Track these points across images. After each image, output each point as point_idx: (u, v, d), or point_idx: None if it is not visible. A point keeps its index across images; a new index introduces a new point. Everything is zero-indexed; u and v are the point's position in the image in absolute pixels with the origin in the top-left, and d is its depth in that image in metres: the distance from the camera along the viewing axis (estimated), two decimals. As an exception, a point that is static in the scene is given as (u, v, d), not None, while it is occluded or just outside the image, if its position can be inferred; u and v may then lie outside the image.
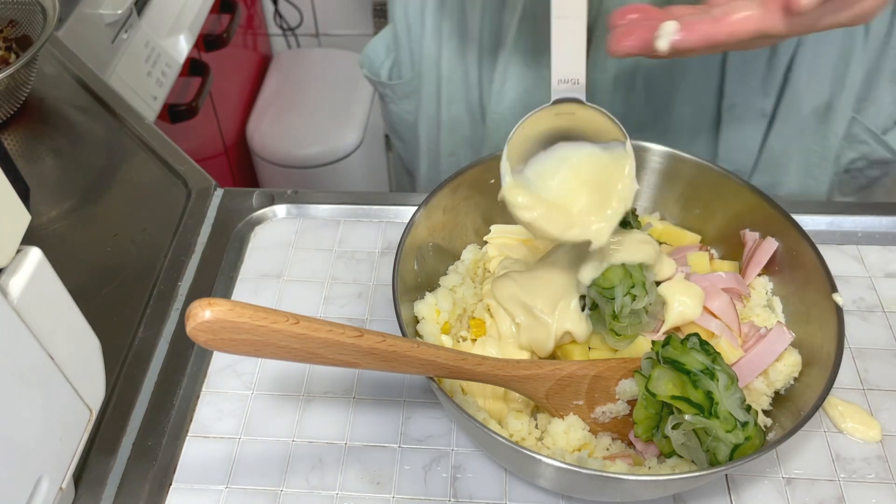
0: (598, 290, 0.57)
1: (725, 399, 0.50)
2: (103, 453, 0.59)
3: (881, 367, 0.64)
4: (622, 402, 0.56)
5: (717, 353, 0.52)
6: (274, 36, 2.19)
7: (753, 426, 0.50)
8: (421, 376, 0.53)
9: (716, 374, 0.50)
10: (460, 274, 0.65)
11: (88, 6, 1.24)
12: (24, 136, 0.88)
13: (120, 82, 1.28)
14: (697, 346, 0.52)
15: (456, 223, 0.66)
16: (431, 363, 0.50)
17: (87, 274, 0.72)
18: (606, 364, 0.56)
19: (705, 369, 0.50)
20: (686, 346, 0.52)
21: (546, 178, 0.56)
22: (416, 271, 0.62)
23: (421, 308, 0.61)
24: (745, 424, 0.49)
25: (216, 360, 0.65)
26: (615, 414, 0.56)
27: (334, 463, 0.59)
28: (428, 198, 0.62)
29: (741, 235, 0.64)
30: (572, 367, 0.55)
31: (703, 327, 0.58)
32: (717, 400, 0.49)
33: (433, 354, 0.50)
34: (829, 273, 0.57)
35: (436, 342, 0.59)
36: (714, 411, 0.49)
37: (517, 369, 0.53)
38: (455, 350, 0.52)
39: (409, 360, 0.48)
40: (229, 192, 0.79)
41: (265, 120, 1.94)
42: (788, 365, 0.57)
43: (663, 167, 0.67)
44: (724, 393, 0.50)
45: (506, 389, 0.57)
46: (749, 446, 0.49)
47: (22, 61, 0.82)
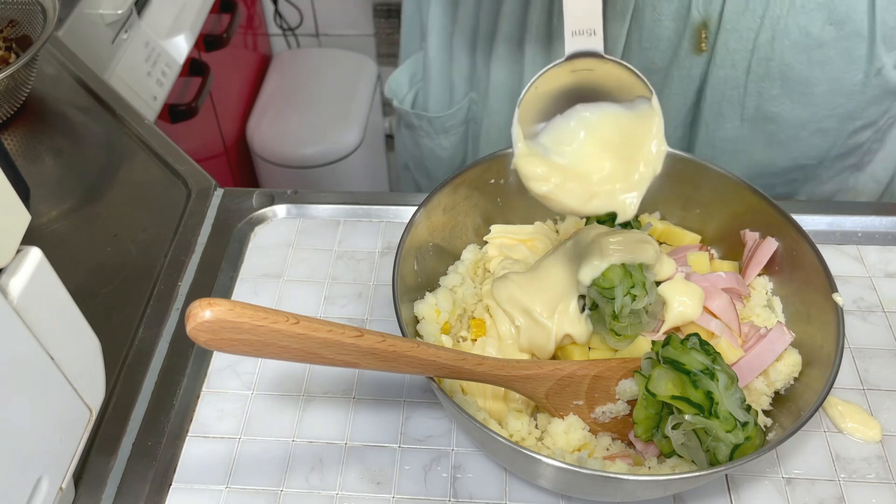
0: (598, 290, 0.57)
1: (726, 399, 0.50)
2: (103, 453, 0.59)
3: (881, 367, 0.64)
4: (622, 402, 0.56)
5: (717, 354, 0.52)
6: (274, 36, 2.19)
7: (753, 426, 0.50)
8: (421, 376, 0.53)
9: (716, 374, 0.50)
10: (460, 274, 0.64)
11: (88, 6, 1.24)
12: (24, 136, 0.88)
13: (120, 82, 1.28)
14: (697, 346, 0.52)
15: (456, 223, 0.66)
16: (431, 363, 0.50)
17: (87, 274, 0.72)
18: (606, 364, 0.56)
19: (705, 369, 0.50)
20: (686, 346, 0.52)
21: (563, 143, 0.51)
22: (416, 271, 0.62)
23: (421, 308, 0.61)
24: (745, 424, 0.49)
25: (216, 360, 0.65)
26: (615, 414, 0.56)
27: (334, 463, 0.59)
28: (428, 198, 0.62)
29: (741, 235, 0.64)
30: (572, 367, 0.55)
31: (703, 327, 0.58)
32: (718, 400, 0.49)
33: (433, 354, 0.50)
34: (829, 273, 0.57)
35: (436, 342, 0.59)
36: (714, 411, 0.49)
37: (517, 369, 0.53)
38: (455, 350, 0.52)
39: (409, 360, 0.48)
40: (229, 192, 0.79)
41: (265, 120, 1.94)
42: (788, 365, 0.57)
43: (664, 167, 0.66)
44: (724, 393, 0.50)
45: (506, 389, 0.57)
46: (749, 446, 0.49)
47: (22, 61, 0.82)
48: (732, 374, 0.51)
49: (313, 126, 1.93)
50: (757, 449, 0.50)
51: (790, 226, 0.61)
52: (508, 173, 0.64)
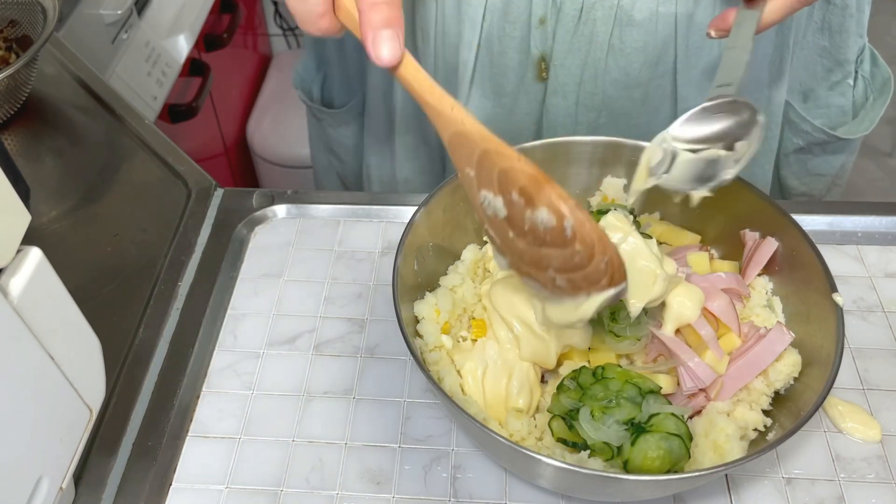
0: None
1: (593, 431, 0.52)
2: (103, 453, 0.59)
3: (881, 367, 0.64)
4: (499, 201, 0.49)
5: (604, 379, 0.55)
6: (274, 36, 2.19)
7: (636, 440, 0.52)
8: (421, 376, 0.53)
9: (579, 410, 0.53)
10: (460, 274, 0.64)
11: (88, 6, 1.24)
12: (25, 136, 0.88)
13: (120, 82, 1.28)
14: (600, 376, 0.55)
15: (456, 223, 0.66)
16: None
17: (87, 274, 0.72)
18: (497, 145, 0.48)
19: (570, 412, 0.54)
20: (592, 380, 0.55)
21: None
22: (416, 271, 0.62)
23: (421, 308, 0.61)
24: (620, 448, 0.52)
25: (216, 360, 0.66)
26: (495, 211, 0.50)
27: (334, 463, 0.59)
28: (428, 198, 0.62)
29: (741, 235, 0.64)
30: (473, 126, 0.48)
31: (696, 331, 0.57)
32: (584, 436, 0.53)
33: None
34: (829, 273, 0.57)
35: (436, 342, 0.59)
36: (590, 445, 0.53)
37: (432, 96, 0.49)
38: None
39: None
40: (229, 192, 0.79)
41: (265, 120, 1.94)
42: (788, 365, 0.57)
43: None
44: (590, 425, 0.53)
45: (506, 390, 0.58)
46: (655, 457, 0.51)
47: (22, 61, 0.82)
48: (615, 393, 0.54)
49: (313, 126, 1.93)
50: (677, 453, 0.51)
51: (790, 225, 0.61)
52: None
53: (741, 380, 0.57)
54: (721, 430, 0.54)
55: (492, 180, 0.48)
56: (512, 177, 0.47)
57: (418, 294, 0.62)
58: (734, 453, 0.53)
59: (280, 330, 0.67)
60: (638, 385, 0.54)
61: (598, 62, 0.75)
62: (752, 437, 0.56)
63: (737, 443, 0.54)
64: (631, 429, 0.52)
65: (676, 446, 0.51)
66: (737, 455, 0.53)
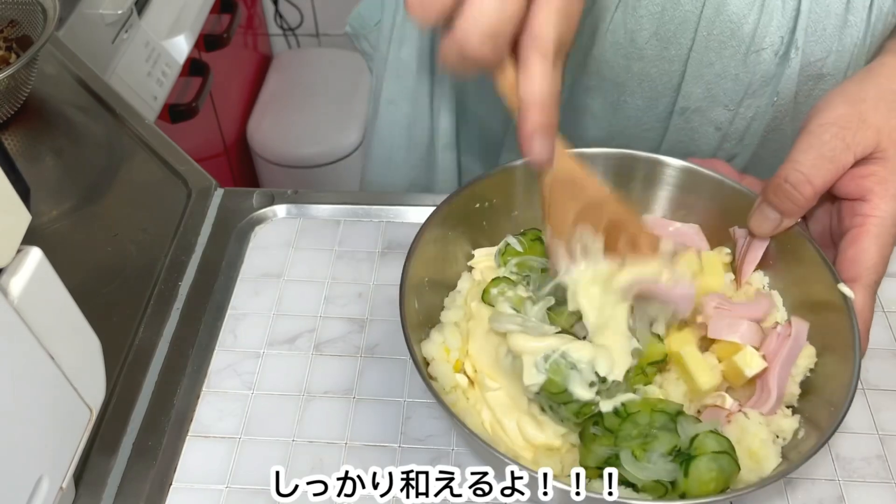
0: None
1: (640, 472, 0.50)
2: (103, 453, 0.59)
3: (881, 367, 0.64)
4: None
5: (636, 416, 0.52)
6: (274, 36, 2.19)
7: (688, 469, 0.49)
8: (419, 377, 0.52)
9: (618, 455, 0.51)
10: (460, 307, 0.61)
11: (88, 6, 1.24)
12: (25, 136, 0.88)
13: (120, 82, 1.28)
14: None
15: (446, 253, 0.63)
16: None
17: (87, 274, 0.72)
18: (624, 212, 0.53)
19: (610, 458, 0.51)
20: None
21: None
22: (416, 309, 0.59)
23: (429, 349, 0.58)
24: (673, 483, 0.50)
25: (216, 360, 0.66)
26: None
27: (334, 463, 0.59)
28: (419, 234, 0.59)
29: (731, 233, 0.64)
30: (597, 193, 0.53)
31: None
32: (633, 480, 0.51)
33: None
34: (829, 263, 0.56)
35: (451, 383, 0.57)
36: (640, 487, 0.51)
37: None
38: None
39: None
40: (229, 192, 0.79)
41: (265, 120, 1.94)
42: (805, 357, 0.56)
43: (644, 171, 0.65)
44: (634, 466, 0.50)
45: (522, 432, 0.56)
46: (709, 479, 0.49)
47: (22, 61, 0.82)
48: (657, 430, 0.51)
49: (313, 126, 1.93)
50: (727, 470, 0.50)
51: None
52: (492, 195, 0.63)
53: (779, 386, 0.55)
54: (755, 436, 0.53)
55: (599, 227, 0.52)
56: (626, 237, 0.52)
57: (422, 332, 0.60)
58: (770, 458, 0.52)
59: (280, 330, 0.67)
60: (665, 411, 0.52)
61: (603, 12, 0.67)
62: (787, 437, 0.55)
63: (771, 447, 0.53)
64: (677, 458, 0.50)
65: (726, 463, 0.50)
66: (773, 460, 0.52)
